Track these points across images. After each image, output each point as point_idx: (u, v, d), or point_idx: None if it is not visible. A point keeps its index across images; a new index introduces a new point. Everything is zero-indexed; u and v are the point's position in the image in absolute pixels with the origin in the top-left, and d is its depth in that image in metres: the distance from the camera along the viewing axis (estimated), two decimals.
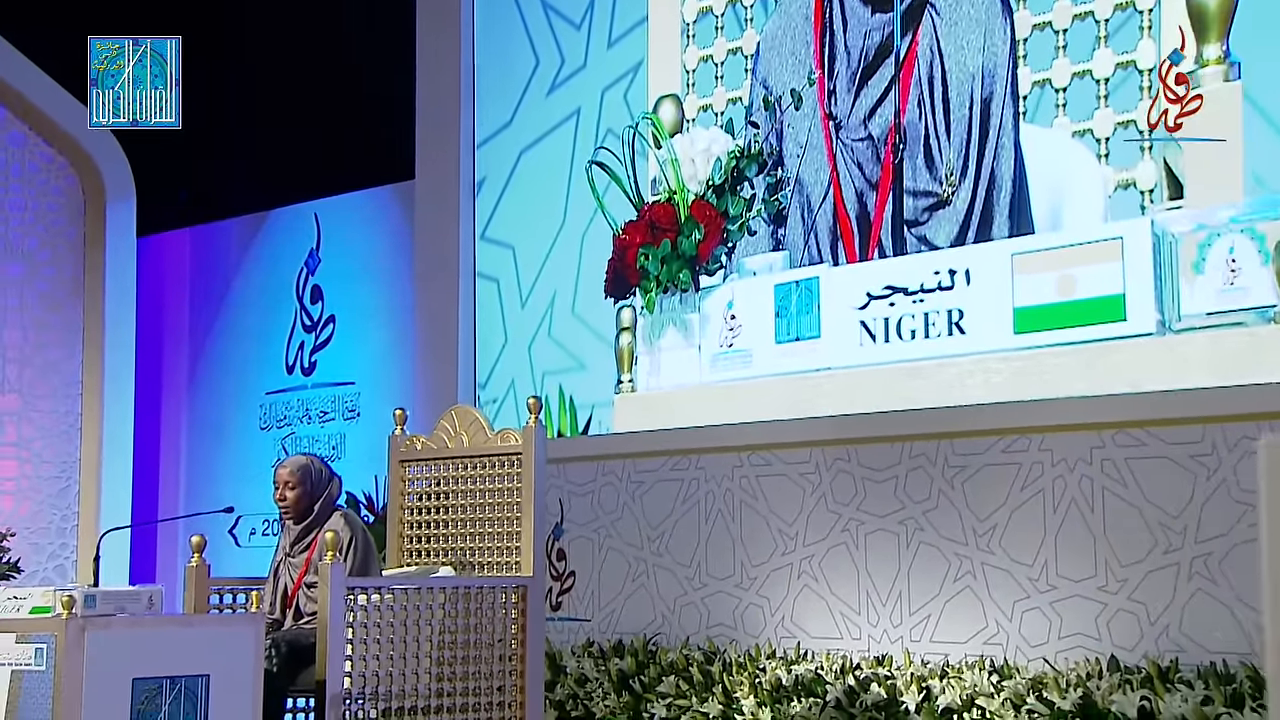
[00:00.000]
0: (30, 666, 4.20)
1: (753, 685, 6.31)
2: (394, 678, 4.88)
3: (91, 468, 8.70)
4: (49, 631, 4.18)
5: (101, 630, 4.22)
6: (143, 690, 4.27)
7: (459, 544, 5.43)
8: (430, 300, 8.20)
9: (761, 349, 6.84)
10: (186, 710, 4.34)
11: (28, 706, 4.19)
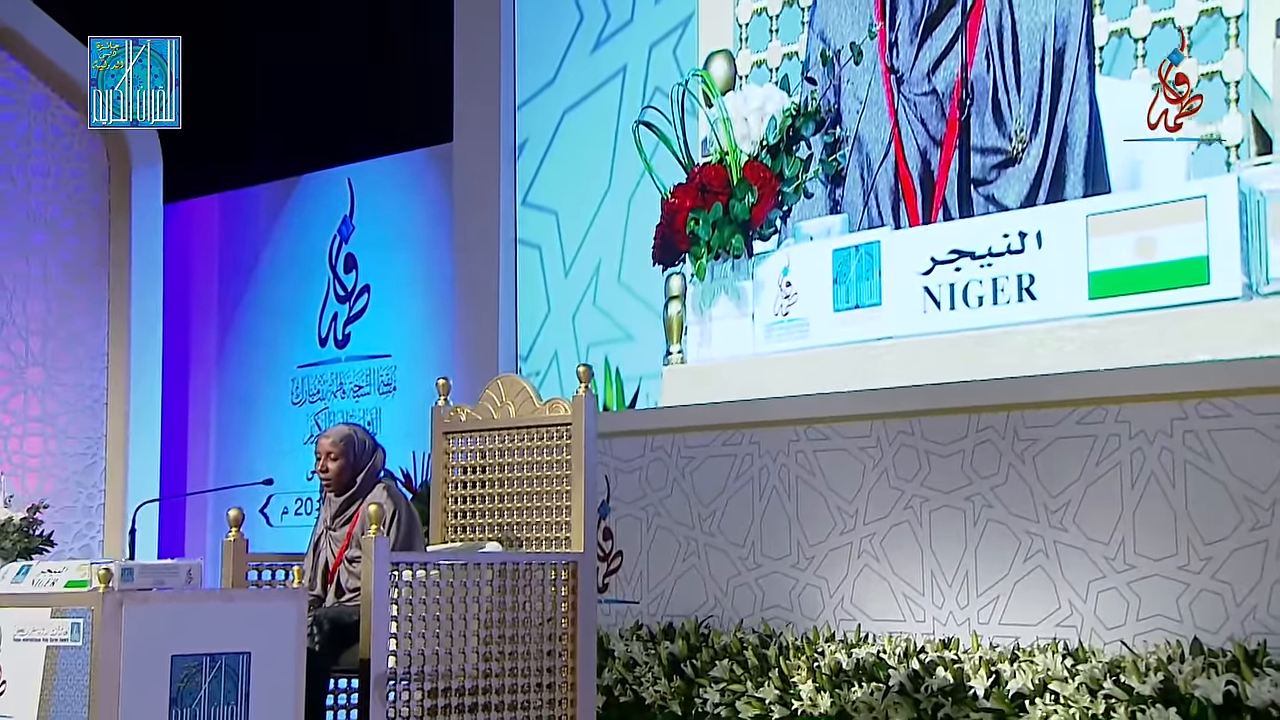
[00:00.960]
0: (66, 642, 4.22)
1: (811, 670, 6.29)
2: (440, 658, 4.87)
3: (118, 444, 8.75)
4: (85, 606, 4.19)
5: (140, 605, 4.23)
6: (182, 668, 4.28)
7: (505, 519, 5.42)
8: (469, 269, 8.20)
9: (819, 317, 6.79)
10: (227, 689, 4.35)
11: (64, 684, 4.21)
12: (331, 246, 9.28)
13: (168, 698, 4.25)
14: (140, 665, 4.21)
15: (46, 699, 4.23)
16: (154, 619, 4.26)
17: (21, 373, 8.76)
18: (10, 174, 8.75)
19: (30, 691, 4.25)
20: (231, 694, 4.36)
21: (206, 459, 9.70)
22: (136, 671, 4.20)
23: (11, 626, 4.32)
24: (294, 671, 4.47)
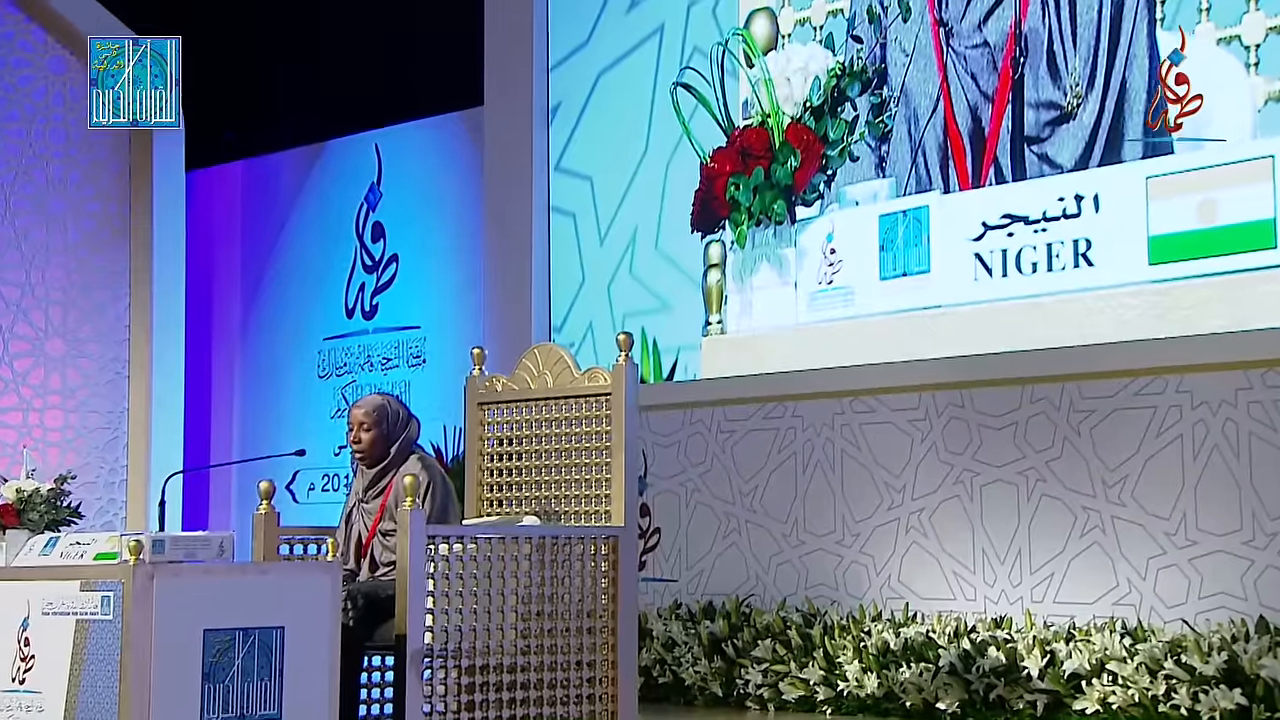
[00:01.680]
0: (96, 616, 4.23)
1: (857, 649, 6.28)
2: (477, 634, 4.87)
3: (140, 418, 8.79)
4: (116, 579, 4.20)
5: (171, 578, 4.24)
6: (214, 643, 4.29)
7: (543, 493, 5.40)
8: (501, 237, 8.19)
9: (864, 286, 6.76)
10: (260, 664, 4.36)
11: (94, 659, 4.22)
12: (358, 214, 9.29)
13: (200, 673, 4.26)
14: (172, 640, 4.22)
15: (76, 674, 4.25)
16: (186, 592, 4.26)
17: (41, 344, 8.79)
18: (28, 139, 8.78)
19: (59, 666, 4.27)
20: (265, 669, 4.37)
21: (230, 433, 9.73)
22: (168, 646, 4.21)
23: (40, 600, 4.34)
24: (328, 647, 4.47)
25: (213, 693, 4.28)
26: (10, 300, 8.74)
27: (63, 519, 4.87)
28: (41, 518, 4.80)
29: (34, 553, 4.47)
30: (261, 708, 4.36)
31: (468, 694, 4.83)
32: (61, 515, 4.85)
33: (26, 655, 4.35)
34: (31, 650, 4.34)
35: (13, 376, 8.73)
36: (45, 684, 4.30)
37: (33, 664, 4.34)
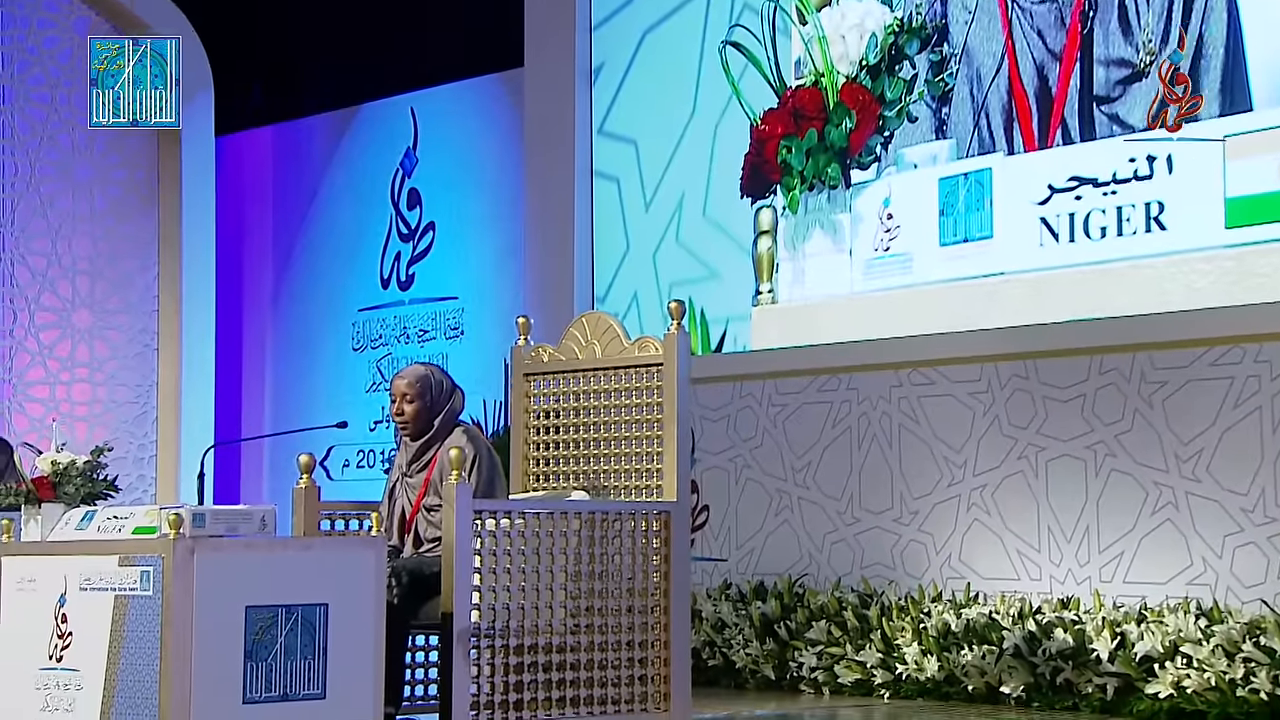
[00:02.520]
0: (135, 592, 4.26)
1: (916, 631, 6.27)
2: (525, 612, 4.88)
3: (170, 391, 8.83)
4: (155, 554, 4.23)
5: (212, 552, 4.26)
6: (257, 620, 4.31)
7: (591, 467, 5.40)
8: (542, 204, 8.16)
9: (923, 252, 6.71)
10: (304, 643, 4.38)
11: (134, 636, 4.25)
12: (393, 181, 9.29)
13: (242, 651, 4.28)
14: (213, 616, 4.24)
15: (115, 651, 4.28)
16: (228, 567, 4.28)
17: (68, 316, 8.85)
18: (53, 102, 8.81)
19: (98, 643, 4.30)
20: (309, 648, 4.39)
21: (262, 408, 9.77)
22: (210, 623, 4.23)
23: (77, 575, 4.37)
24: (373, 624, 4.49)
25: (255, 671, 4.31)
26: (36, 270, 8.79)
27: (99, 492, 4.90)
28: (77, 491, 4.83)
29: (70, 527, 4.51)
30: (305, 687, 4.38)
31: (515, 674, 4.85)
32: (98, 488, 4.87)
33: (64, 632, 4.38)
34: (69, 627, 4.38)
35: (39, 349, 8.79)
36: (84, 662, 4.33)
37: (70, 641, 4.37)
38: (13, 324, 8.74)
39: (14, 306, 8.75)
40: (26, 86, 8.67)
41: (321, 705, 4.39)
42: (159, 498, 8.66)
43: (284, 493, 9.22)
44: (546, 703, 4.92)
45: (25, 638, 4.45)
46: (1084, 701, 5.75)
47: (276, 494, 9.31)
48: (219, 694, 4.23)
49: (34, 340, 8.78)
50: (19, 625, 4.48)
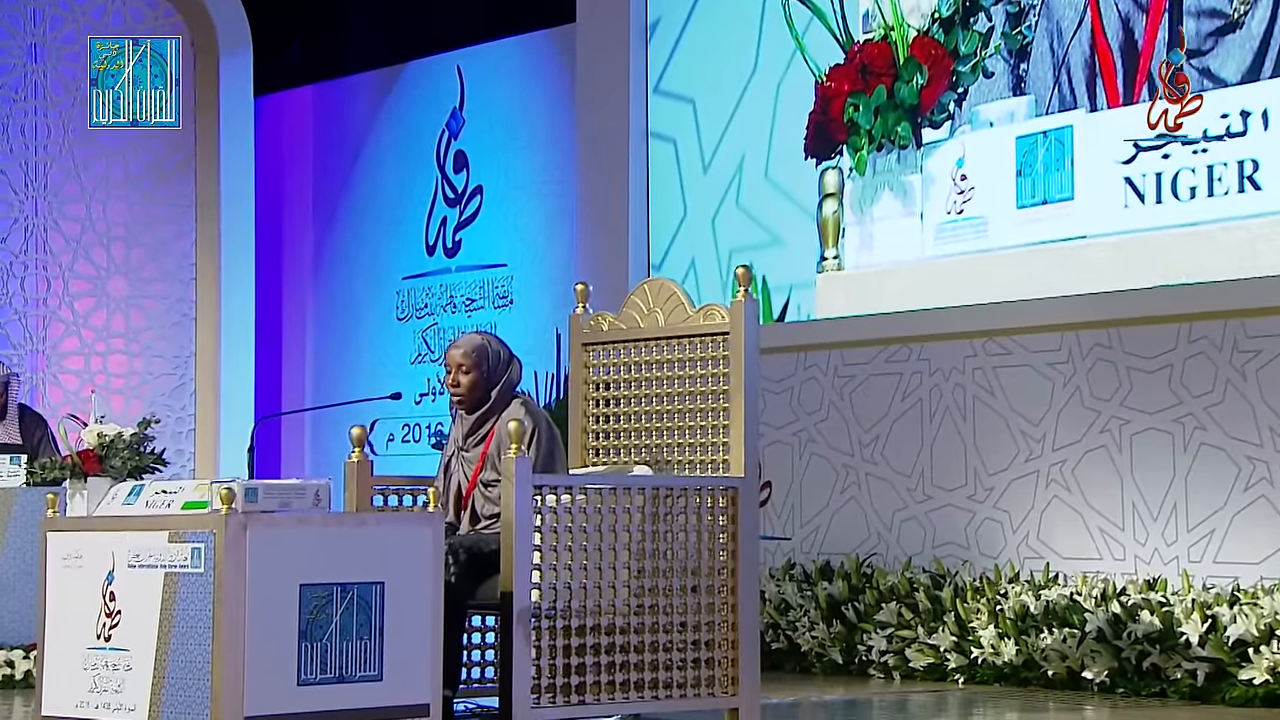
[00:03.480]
0: (186, 569, 4.27)
1: (992, 613, 6.23)
2: (588, 591, 4.87)
3: (209, 362, 8.86)
4: (206, 529, 4.23)
5: (265, 529, 4.26)
6: (311, 598, 4.32)
7: (654, 440, 5.38)
8: (595, 166, 8.13)
9: (999, 215, 6.65)
10: (360, 622, 4.38)
11: (185, 613, 4.26)
12: (439, 143, 9.27)
13: (297, 630, 4.29)
14: (267, 595, 4.25)
15: (166, 630, 4.29)
16: (281, 544, 4.29)
17: (103, 284, 8.89)
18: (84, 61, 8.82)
19: (148, 622, 4.32)
20: (365, 628, 4.39)
21: (302, 380, 9.79)
22: (263, 601, 4.24)
23: (126, 552, 4.39)
24: (431, 604, 4.49)
25: (310, 652, 4.31)
26: (70, 236, 8.83)
27: (146, 466, 4.91)
28: (124, 464, 4.86)
29: (117, 502, 4.52)
30: (361, 668, 4.39)
31: (577, 656, 4.84)
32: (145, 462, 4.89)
33: (113, 611, 4.40)
34: (118, 605, 4.40)
35: (74, 318, 8.83)
36: (133, 641, 4.35)
37: (119, 620, 4.39)
38: (46, 292, 8.79)
39: (47, 274, 8.80)
40: (59, 44, 8.69)
41: (378, 687, 4.40)
42: (197, 472, 8.70)
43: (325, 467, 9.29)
44: (610, 686, 4.91)
45: (72, 616, 4.47)
46: (1172, 688, 5.70)
47: (318, 468, 9.34)
48: (273, 675, 4.24)
49: (68, 309, 8.82)
50: (65, 603, 4.50)
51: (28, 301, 8.74)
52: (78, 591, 4.46)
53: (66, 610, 4.49)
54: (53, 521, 4.60)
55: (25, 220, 8.76)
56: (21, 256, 8.76)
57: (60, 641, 4.50)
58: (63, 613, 4.51)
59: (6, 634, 6.43)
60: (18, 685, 6.31)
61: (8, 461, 6.43)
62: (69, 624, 4.48)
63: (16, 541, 6.44)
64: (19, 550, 6.44)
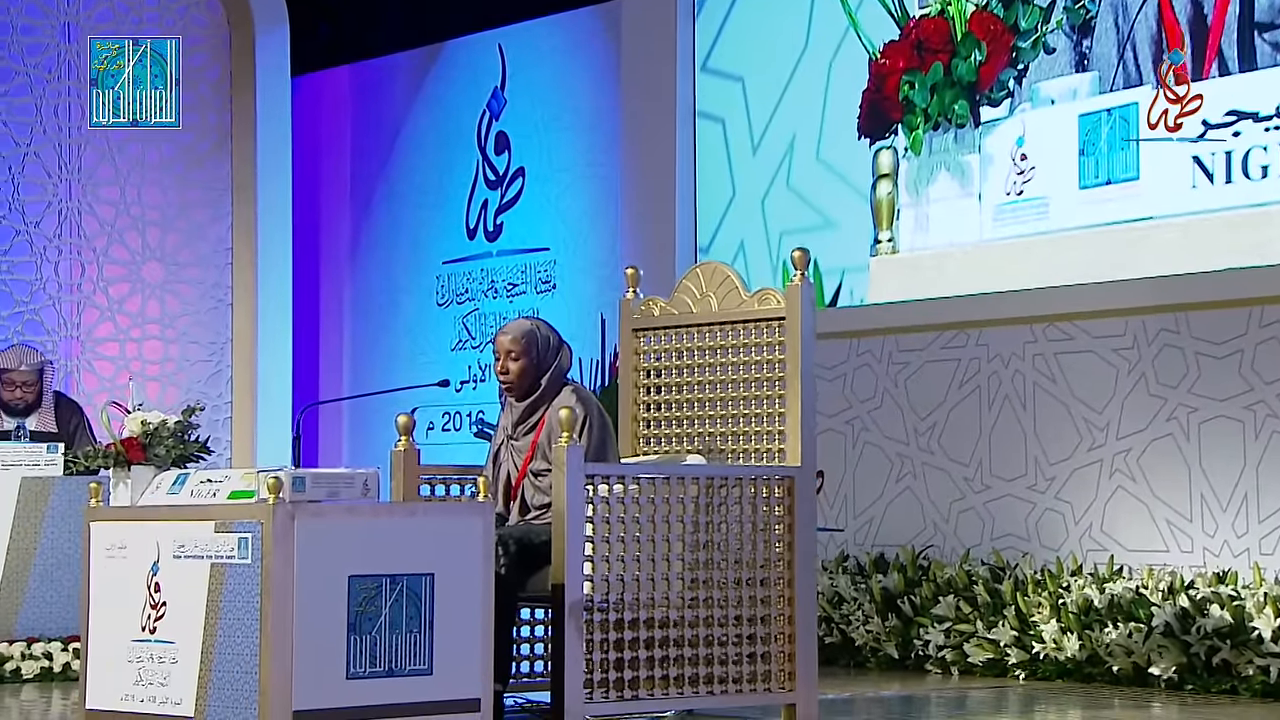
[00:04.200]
0: (233, 560, 4.28)
1: (1054, 607, 6.20)
2: (641, 583, 4.87)
3: (245, 349, 8.87)
4: (254, 519, 4.24)
5: (313, 519, 4.27)
6: (360, 590, 4.32)
7: (706, 428, 5.38)
8: (641, 147, 8.12)
9: (1061, 196, 6.60)
10: (409, 614, 4.39)
11: (231, 604, 4.27)
12: (480, 124, 9.26)
13: (345, 623, 4.30)
14: (315, 586, 4.26)
15: (212, 622, 4.31)
16: (329, 534, 4.30)
17: (138, 269, 8.91)
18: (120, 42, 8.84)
19: (194, 614, 4.33)
20: (414, 620, 4.40)
21: (340, 366, 9.81)
22: (311, 593, 4.25)
23: (171, 542, 4.40)
24: (481, 596, 4.50)
25: (359, 645, 4.32)
26: (105, 220, 8.86)
27: (190, 454, 4.93)
28: (168, 453, 4.87)
29: (161, 491, 4.54)
30: (411, 662, 4.40)
31: (630, 650, 4.84)
32: (189, 450, 4.91)
33: (158, 602, 4.42)
34: (163, 597, 4.42)
35: (108, 304, 8.86)
36: (179, 633, 4.37)
37: (164, 611, 4.41)
38: (80, 277, 8.82)
39: (81, 259, 8.83)
40: (93, 23, 8.72)
41: (428, 681, 4.40)
42: (234, 461, 8.73)
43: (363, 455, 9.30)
44: (663, 681, 4.91)
45: (116, 608, 4.49)
46: (1244, 684, 5.66)
47: (356, 457, 9.36)
48: (322, 668, 4.25)
49: (103, 295, 8.86)
50: (109, 594, 4.52)
51: (61, 287, 8.78)
52: (122, 583, 4.48)
53: (110, 602, 4.51)
54: (96, 511, 4.62)
55: (59, 204, 8.80)
56: (55, 241, 8.79)
57: (104, 634, 4.52)
58: (107, 604, 4.53)
59: (44, 625, 6.48)
60: (56, 678, 6.36)
61: (45, 450, 6.48)
62: (113, 616, 4.50)
63: (54, 531, 6.49)
64: (56, 540, 6.49)
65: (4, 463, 6.47)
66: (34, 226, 8.73)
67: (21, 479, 6.45)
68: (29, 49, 8.71)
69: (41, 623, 6.48)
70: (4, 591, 6.46)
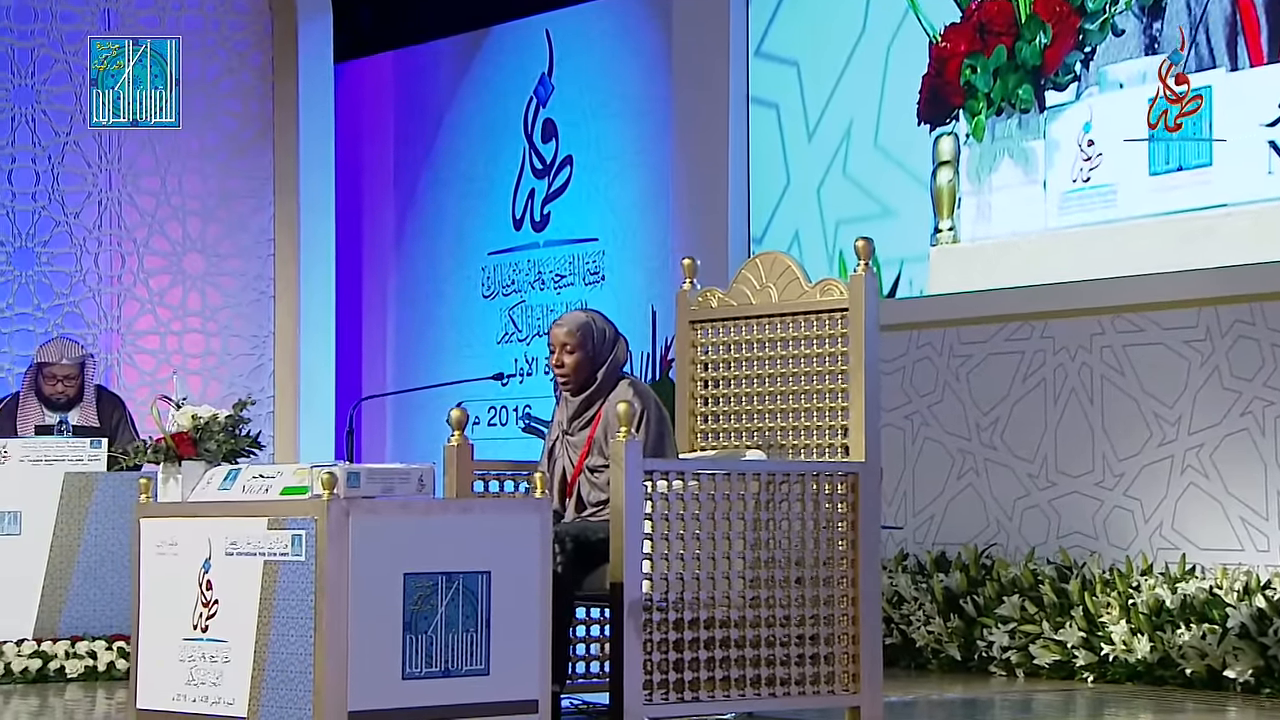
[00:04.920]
0: (287, 557, 4.29)
1: (1124, 608, 6.16)
2: (701, 582, 4.86)
3: (288, 342, 8.90)
4: (308, 516, 4.25)
5: (368, 515, 4.27)
6: (416, 588, 4.33)
7: (766, 423, 5.37)
8: (692, 134, 8.09)
9: (1130, 183, 6.55)
10: (466, 614, 4.39)
11: (285, 603, 4.28)
12: (527, 111, 9.26)
13: (401, 622, 4.30)
14: (370, 584, 4.26)
15: (265, 620, 4.32)
16: (385, 531, 4.30)
17: (179, 260, 8.95)
18: (161, 28, 8.87)
19: (247, 613, 4.34)
20: (471, 619, 4.40)
21: (383, 360, 9.83)
22: (366, 591, 4.25)
23: (223, 539, 4.41)
24: (539, 595, 4.50)
25: (415, 644, 4.33)
26: (145, 211, 8.90)
27: (241, 449, 4.94)
28: (219, 447, 4.89)
29: (212, 487, 4.55)
30: (467, 662, 4.40)
31: (690, 651, 4.83)
32: (240, 445, 4.92)
33: (209, 600, 4.43)
34: (215, 595, 4.43)
35: (149, 296, 8.90)
36: (231, 632, 4.38)
37: (216, 610, 4.42)
38: (120, 269, 8.86)
39: (122, 250, 8.87)
40: (133, 9, 8.76)
41: (485, 682, 4.41)
42: (277, 456, 8.76)
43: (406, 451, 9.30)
44: (724, 683, 4.90)
45: (167, 606, 4.50)
46: None
47: (400, 452, 9.37)
48: (377, 668, 4.26)
49: (143, 287, 8.90)
50: (160, 592, 4.54)
51: (102, 279, 8.83)
52: (173, 580, 4.50)
53: (161, 600, 4.53)
54: (146, 507, 4.64)
55: (99, 194, 8.84)
56: (95, 232, 8.84)
57: (155, 632, 4.54)
58: (157, 602, 4.55)
59: (88, 624, 6.51)
60: (100, 677, 6.39)
61: (88, 445, 6.51)
62: (164, 614, 4.51)
63: (97, 528, 6.52)
64: (100, 537, 6.52)
65: (47, 458, 6.52)
66: (74, 217, 8.79)
67: (65, 474, 6.49)
68: (68, 36, 8.76)
69: (85, 621, 6.51)
70: (47, 589, 6.50)
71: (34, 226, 8.74)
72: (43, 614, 6.49)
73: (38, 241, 8.76)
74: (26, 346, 8.51)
